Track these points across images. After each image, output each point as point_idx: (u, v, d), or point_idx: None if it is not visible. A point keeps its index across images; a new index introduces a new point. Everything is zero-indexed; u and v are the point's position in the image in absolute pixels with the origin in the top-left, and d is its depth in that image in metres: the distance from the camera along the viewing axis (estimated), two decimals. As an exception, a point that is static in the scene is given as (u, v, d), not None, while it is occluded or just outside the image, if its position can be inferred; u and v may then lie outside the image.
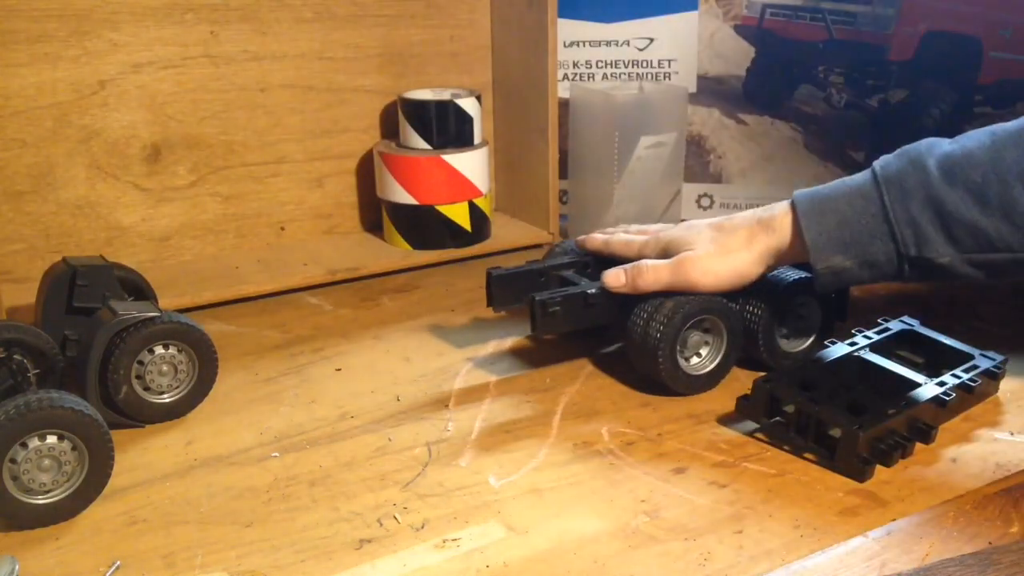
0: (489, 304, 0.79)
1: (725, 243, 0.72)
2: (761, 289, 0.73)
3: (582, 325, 0.75)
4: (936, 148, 0.67)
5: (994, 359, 0.72)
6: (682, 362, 0.72)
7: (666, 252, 0.74)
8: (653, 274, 0.72)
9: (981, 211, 0.64)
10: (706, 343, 0.73)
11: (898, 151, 0.69)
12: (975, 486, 0.59)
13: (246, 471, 0.63)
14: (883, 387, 0.68)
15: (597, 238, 0.81)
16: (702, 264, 0.71)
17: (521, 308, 0.77)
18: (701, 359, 0.73)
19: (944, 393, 0.66)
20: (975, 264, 0.65)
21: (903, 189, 0.66)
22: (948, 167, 0.65)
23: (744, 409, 0.67)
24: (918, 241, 0.65)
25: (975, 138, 0.67)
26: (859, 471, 0.60)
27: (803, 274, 0.74)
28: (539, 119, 1.06)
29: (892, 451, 0.62)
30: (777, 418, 0.65)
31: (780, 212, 0.71)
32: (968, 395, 0.68)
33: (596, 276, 0.78)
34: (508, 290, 0.79)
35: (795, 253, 0.70)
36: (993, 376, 0.71)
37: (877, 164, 0.68)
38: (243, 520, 0.58)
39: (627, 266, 0.74)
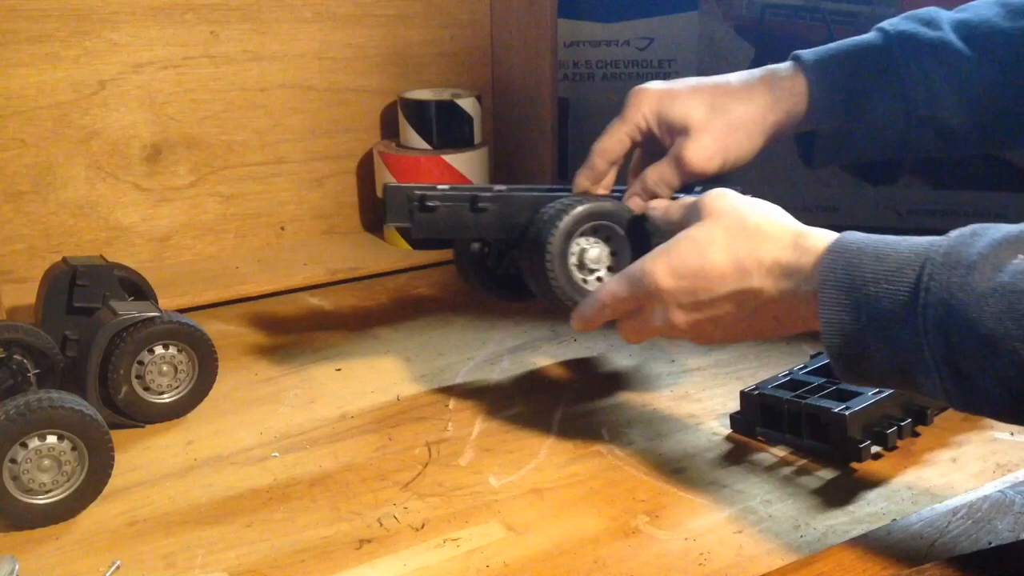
0: (386, 221, 0.69)
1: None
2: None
3: (467, 235, 0.68)
4: (944, 13, 0.67)
5: None
6: (576, 274, 0.64)
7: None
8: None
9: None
10: (613, 254, 0.66)
11: (903, 15, 0.68)
12: (975, 486, 0.59)
13: (246, 471, 0.63)
14: None
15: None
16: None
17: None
18: (602, 277, 0.66)
19: None
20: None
21: (917, 45, 0.65)
22: (965, 32, 0.65)
23: (738, 424, 0.67)
24: (930, 99, 0.64)
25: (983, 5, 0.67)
26: (855, 452, 0.60)
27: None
28: (539, 119, 1.06)
29: (887, 431, 0.61)
30: (772, 426, 0.65)
31: (789, 72, 0.67)
32: None
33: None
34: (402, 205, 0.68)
35: (803, 120, 0.67)
36: None
37: (885, 24, 0.67)
38: (243, 520, 0.58)
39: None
